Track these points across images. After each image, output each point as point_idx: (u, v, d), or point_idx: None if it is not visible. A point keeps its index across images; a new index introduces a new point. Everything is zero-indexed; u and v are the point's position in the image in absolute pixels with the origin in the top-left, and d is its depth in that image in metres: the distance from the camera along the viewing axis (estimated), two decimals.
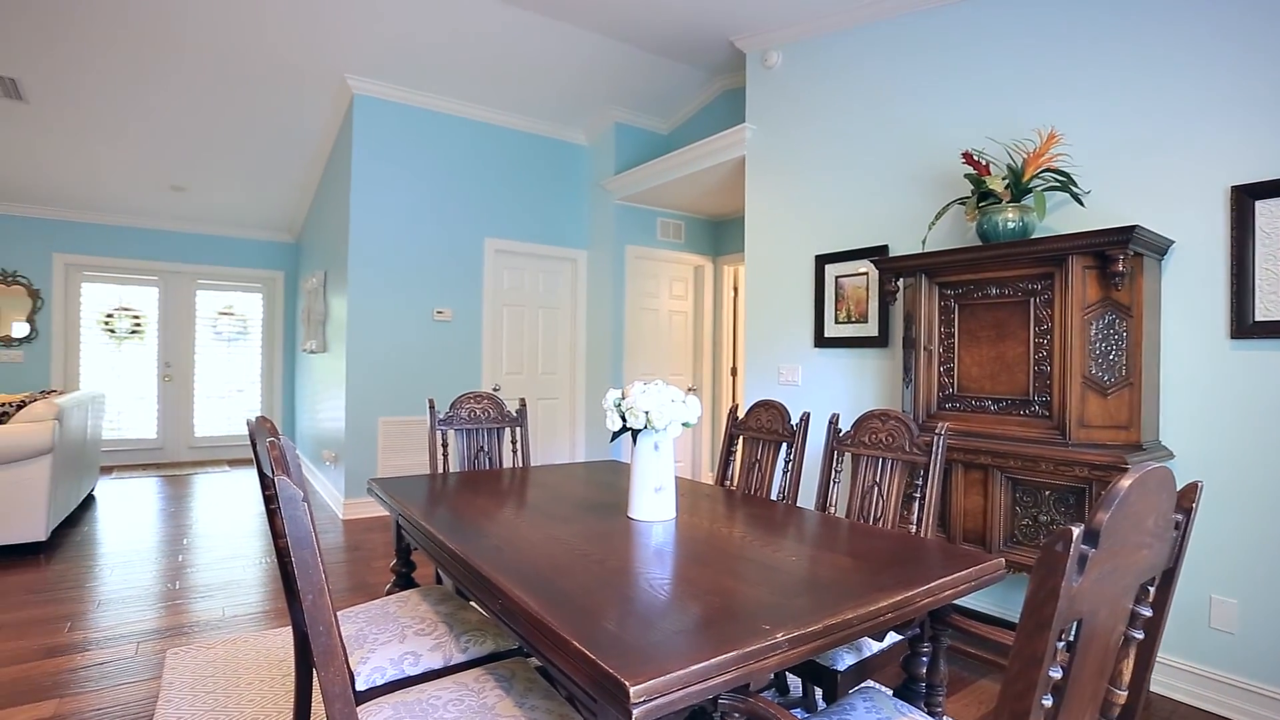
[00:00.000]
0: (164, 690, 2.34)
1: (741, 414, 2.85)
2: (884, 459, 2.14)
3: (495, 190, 5.33)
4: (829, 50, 3.78)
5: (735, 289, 6.13)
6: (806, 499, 3.57)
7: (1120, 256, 2.24)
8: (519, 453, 2.80)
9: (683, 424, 1.72)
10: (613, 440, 1.74)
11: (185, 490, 5.81)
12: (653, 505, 1.78)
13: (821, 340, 3.76)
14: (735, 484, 2.69)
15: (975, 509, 2.60)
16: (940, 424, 2.02)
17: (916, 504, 2.00)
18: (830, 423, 2.32)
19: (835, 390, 3.70)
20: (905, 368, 2.94)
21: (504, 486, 2.30)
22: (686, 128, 5.48)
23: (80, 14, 3.84)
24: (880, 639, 1.73)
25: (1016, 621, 2.78)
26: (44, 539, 3.86)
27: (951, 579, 1.38)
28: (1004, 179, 2.67)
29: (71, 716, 2.20)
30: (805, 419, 2.45)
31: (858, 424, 2.24)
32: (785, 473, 2.46)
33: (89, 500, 5.33)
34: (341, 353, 4.91)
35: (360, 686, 1.53)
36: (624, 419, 1.71)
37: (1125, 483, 0.69)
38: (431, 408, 2.58)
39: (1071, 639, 0.72)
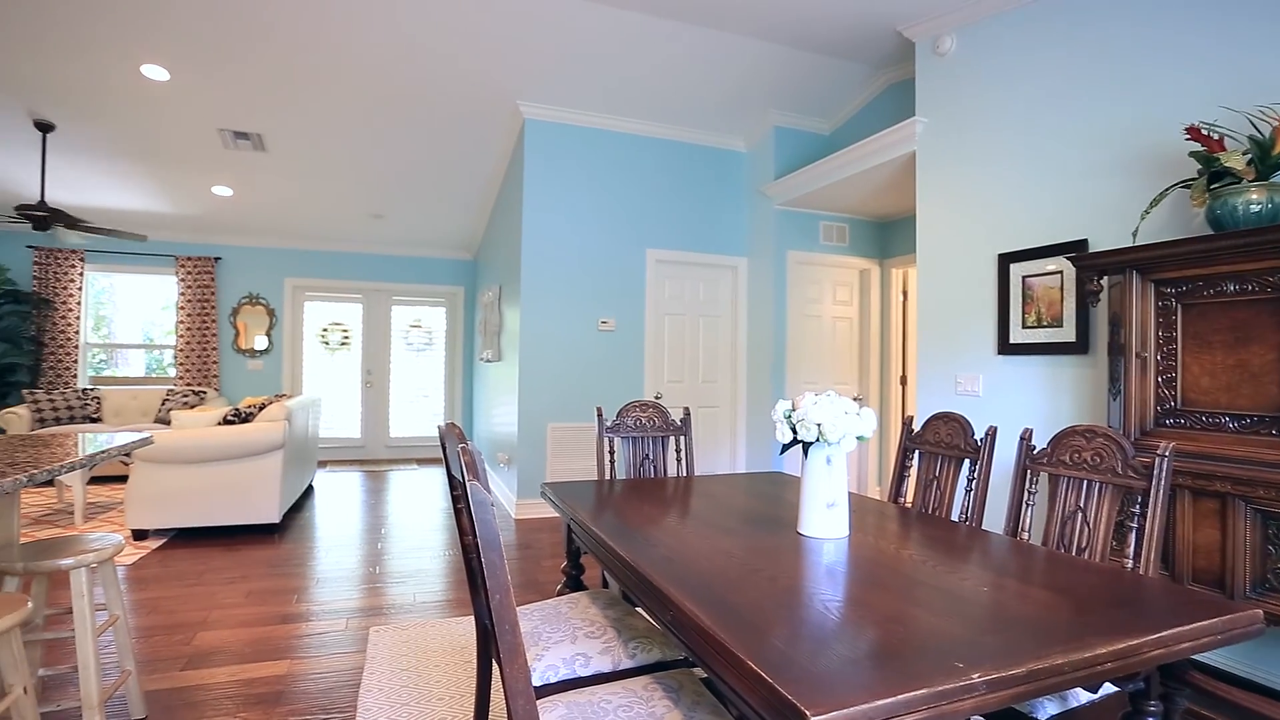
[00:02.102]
0: (368, 664, 2.61)
1: (917, 426, 2.66)
2: (1089, 481, 1.90)
3: (656, 202, 5.45)
4: (1010, 29, 3.45)
5: (905, 293, 5.77)
6: (992, 522, 3.26)
7: None
8: (683, 462, 2.82)
9: (857, 438, 1.64)
10: (782, 452, 1.70)
11: (382, 485, 6.51)
12: (824, 522, 1.71)
13: (1006, 347, 3.43)
14: (910, 501, 2.51)
15: (1208, 545, 2.23)
16: (1163, 444, 1.75)
17: (1133, 535, 1.74)
18: (1022, 439, 2.10)
19: (1023, 402, 3.35)
20: (1112, 378, 2.59)
21: (670, 495, 2.33)
22: (849, 126, 5.26)
23: (311, 74, 4.46)
24: (1093, 690, 1.52)
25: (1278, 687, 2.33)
26: (277, 521, 4.50)
27: (1191, 629, 1.18)
28: (1245, 154, 2.27)
29: (299, 676, 2.53)
30: (991, 434, 2.24)
31: (1056, 441, 2.00)
32: (968, 492, 2.26)
33: (309, 490, 6.13)
34: (514, 361, 5.25)
35: (535, 683, 1.61)
36: (794, 431, 1.66)
37: None
38: (599, 416, 2.67)
39: None
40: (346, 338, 8.09)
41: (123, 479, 6.31)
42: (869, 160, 4.36)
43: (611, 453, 2.67)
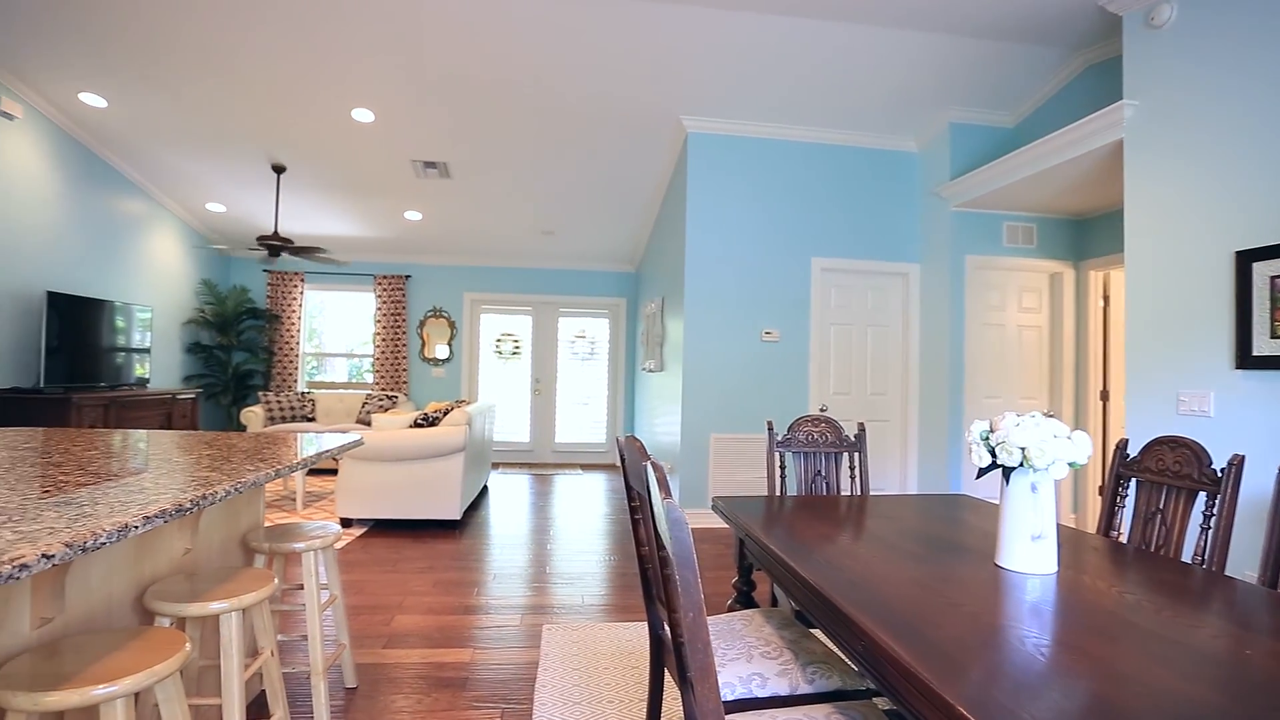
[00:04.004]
0: (542, 660, 2.75)
1: (1132, 450, 2.33)
2: None
3: (821, 208, 5.30)
4: None
5: (1105, 297, 5.14)
6: (1236, 567, 2.79)
7: None
8: (857, 479, 2.69)
9: (1069, 464, 1.47)
10: (978, 476, 1.56)
11: (548, 488, 6.86)
12: (1029, 555, 1.54)
13: (1247, 360, 2.93)
14: (1124, 536, 2.22)
15: None
16: None
17: None
18: None
19: (1272, 426, 2.84)
20: None
21: (847, 515, 2.23)
22: (1038, 117, 4.79)
23: (489, 104, 4.84)
24: None
25: None
26: (458, 518, 4.88)
27: None
28: None
29: (480, 664, 2.71)
30: (1237, 464, 1.91)
31: None
32: (1204, 530, 1.95)
33: (484, 490, 6.60)
34: (678, 372, 5.32)
35: None
36: (993, 454, 1.52)
37: None
38: (770, 429, 2.63)
39: None
40: (517, 347, 8.65)
41: (332, 472, 7.18)
42: (1064, 152, 3.94)
43: (782, 468, 2.61)
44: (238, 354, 7.90)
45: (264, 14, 3.97)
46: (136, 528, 1.15)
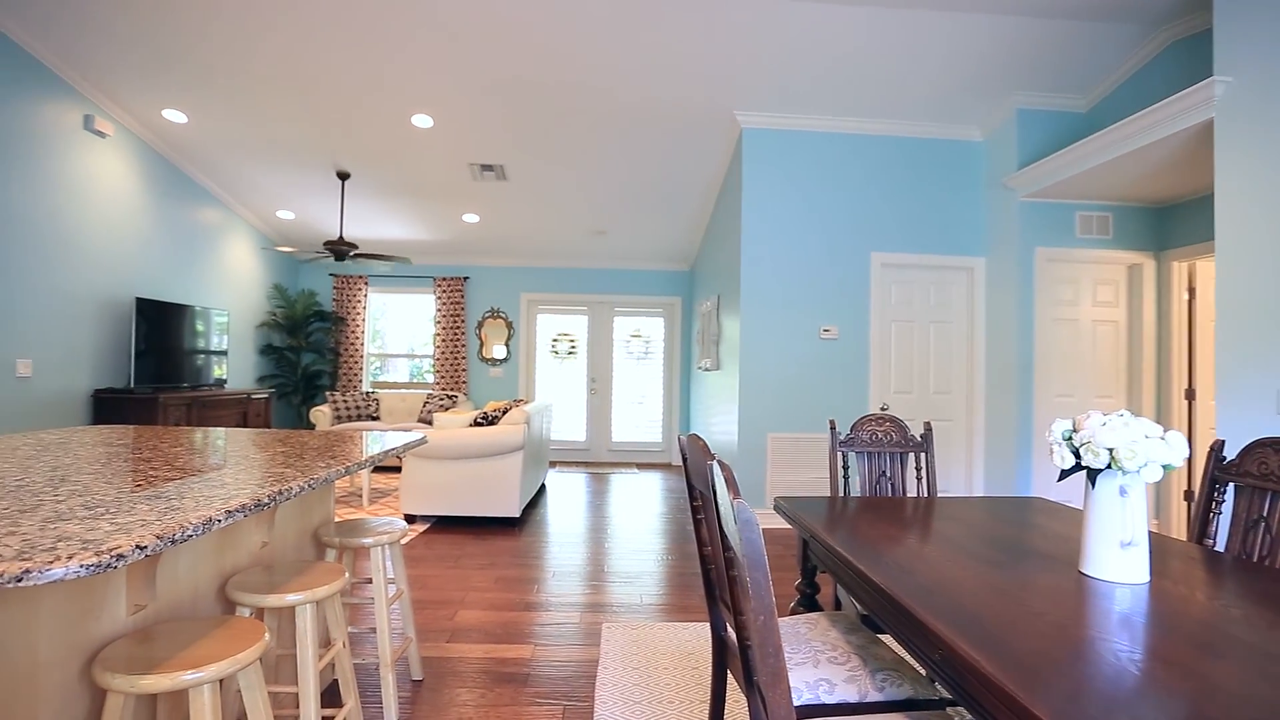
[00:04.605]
0: (602, 658, 2.75)
1: (1229, 453, 2.18)
2: None
3: (880, 202, 5.16)
4: None
5: (1191, 289, 4.83)
6: None
7: None
8: (924, 481, 2.60)
9: (1163, 466, 1.38)
10: (1060, 479, 1.48)
11: (605, 487, 6.89)
12: (1118, 563, 1.46)
13: None
14: (1218, 544, 2.07)
15: None
16: None
17: None
18: None
19: None
20: None
21: (915, 517, 2.16)
22: (1113, 100, 4.55)
23: (544, 105, 4.89)
24: None
25: None
26: (517, 515, 4.95)
27: None
28: None
29: (541, 661, 2.74)
30: None
31: None
32: None
33: (542, 488, 6.68)
34: (734, 370, 5.27)
35: None
36: (1077, 455, 1.44)
37: None
38: (832, 429, 2.56)
39: None
40: (574, 347, 8.73)
41: (395, 469, 7.40)
42: (1145, 135, 3.72)
43: (845, 468, 2.55)
44: (306, 355, 8.22)
45: (327, 28, 4.11)
46: (219, 521, 1.20)
